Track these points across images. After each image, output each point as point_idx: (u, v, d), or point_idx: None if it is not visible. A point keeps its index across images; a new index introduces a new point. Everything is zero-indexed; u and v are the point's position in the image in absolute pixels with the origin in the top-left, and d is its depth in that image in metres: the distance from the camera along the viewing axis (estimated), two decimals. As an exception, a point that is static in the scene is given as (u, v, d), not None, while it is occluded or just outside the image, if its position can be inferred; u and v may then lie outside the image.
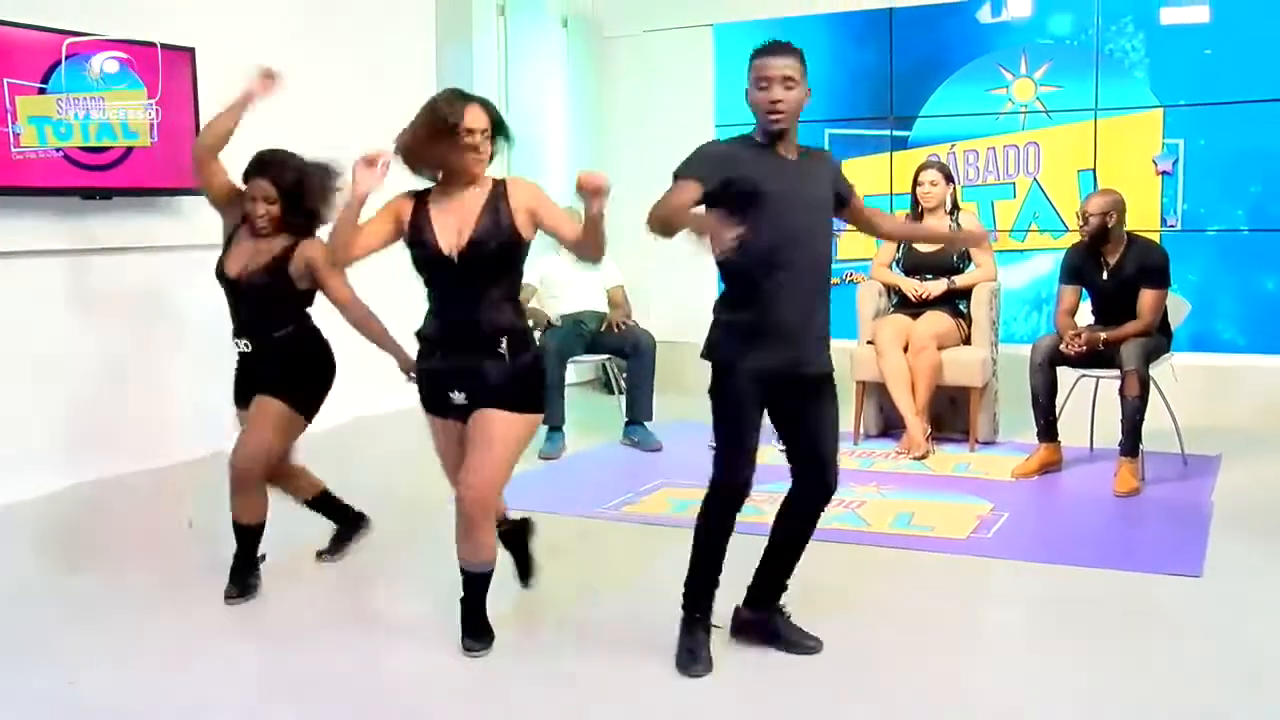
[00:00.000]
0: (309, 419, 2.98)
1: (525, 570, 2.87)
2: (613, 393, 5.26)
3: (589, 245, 2.51)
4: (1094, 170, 5.30)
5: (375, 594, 3.03)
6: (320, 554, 3.12)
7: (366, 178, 2.36)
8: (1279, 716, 2.23)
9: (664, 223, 2.33)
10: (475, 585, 2.52)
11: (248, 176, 2.86)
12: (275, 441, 2.91)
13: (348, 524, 3.19)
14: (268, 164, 2.85)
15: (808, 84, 2.39)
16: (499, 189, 2.50)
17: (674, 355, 5.46)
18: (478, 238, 2.44)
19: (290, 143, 3.08)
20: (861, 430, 4.75)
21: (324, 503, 3.18)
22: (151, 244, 3.43)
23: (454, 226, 2.43)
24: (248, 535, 2.94)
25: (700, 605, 2.45)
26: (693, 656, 2.41)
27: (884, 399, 4.75)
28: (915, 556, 3.28)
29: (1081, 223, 4.05)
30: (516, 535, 2.85)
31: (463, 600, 2.54)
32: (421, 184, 2.49)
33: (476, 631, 2.53)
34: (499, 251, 2.46)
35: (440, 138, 2.40)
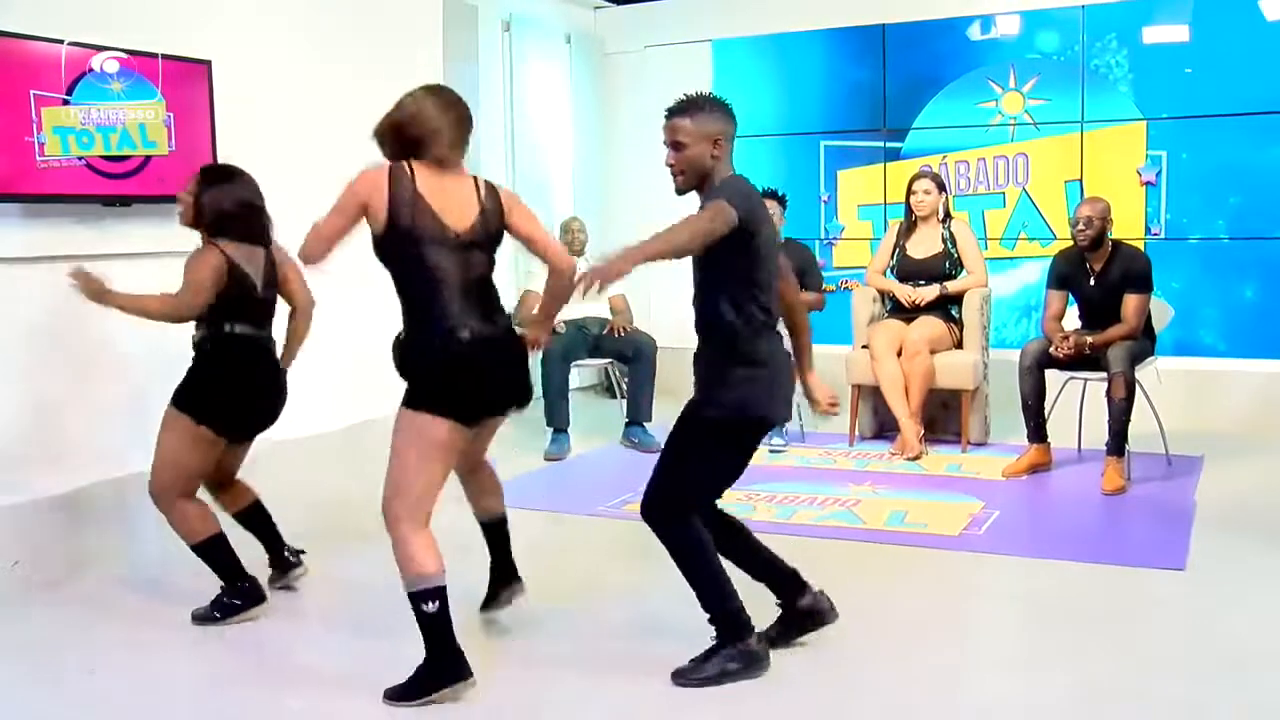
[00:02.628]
0: (220, 435, 2.85)
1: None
2: (615, 396, 5.36)
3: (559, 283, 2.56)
4: (1080, 181, 5.44)
5: (373, 599, 3.10)
6: (196, 616, 2.87)
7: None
8: (1260, 703, 2.30)
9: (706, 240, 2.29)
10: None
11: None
12: (174, 457, 2.80)
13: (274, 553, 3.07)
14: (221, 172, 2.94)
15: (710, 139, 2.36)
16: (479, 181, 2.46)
17: (674, 359, 5.58)
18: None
19: (298, 155, 3.20)
20: (856, 433, 4.86)
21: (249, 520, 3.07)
22: (169, 250, 3.53)
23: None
24: (205, 551, 2.86)
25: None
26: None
27: (878, 402, 4.86)
28: (909, 552, 3.37)
29: (1083, 227, 4.09)
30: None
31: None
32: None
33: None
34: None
35: (466, 128, 2.41)
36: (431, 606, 2.30)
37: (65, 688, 2.50)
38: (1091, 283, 4.21)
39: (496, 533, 2.78)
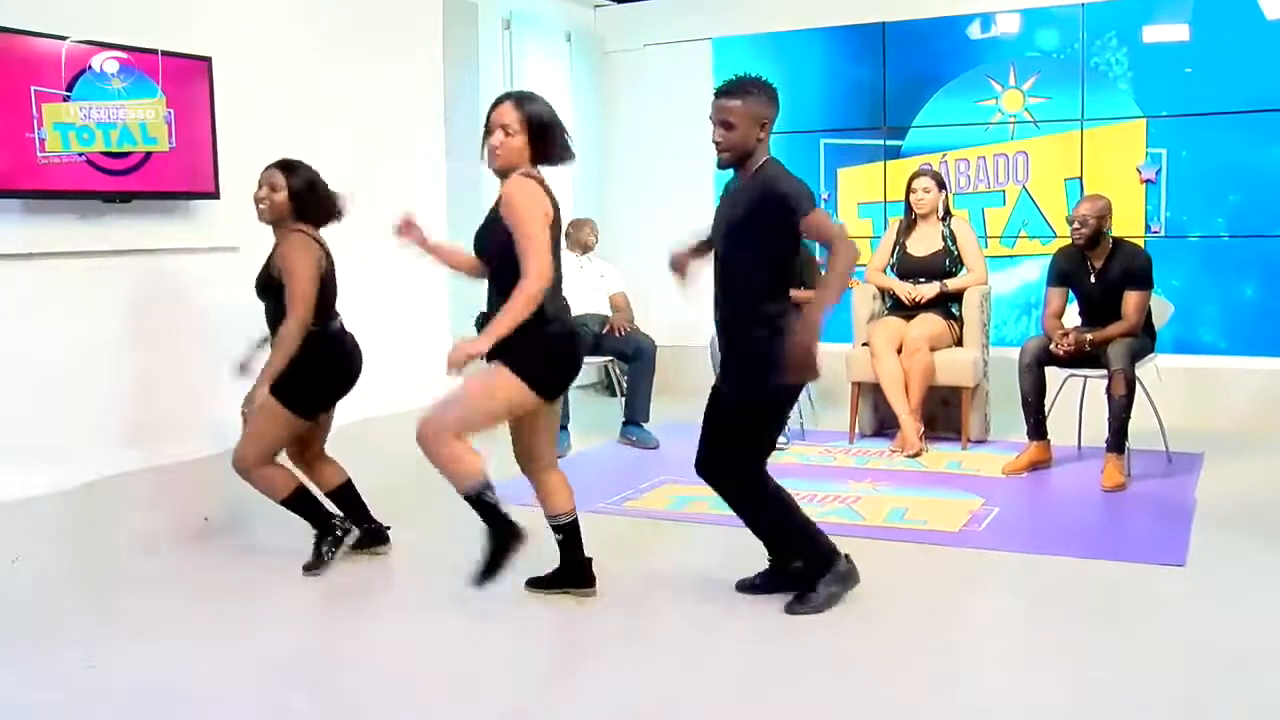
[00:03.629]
0: (303, 416, 3.11)
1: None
2: (615, 395, 5.36)
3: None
4: (1080, 178, 5.44)
5: (384, 591, 3.12)
6: (306, 568, 3.14)
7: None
8: (1260, 699, 2.30)
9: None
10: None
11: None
12: (265, 434, 3.07)
13: (350, 531, 3.25)
14: (287, 164, 3.11)
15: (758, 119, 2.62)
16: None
17: (673, 359, 5.58)
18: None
19: (298, 152, 3.20)
20: (857, 430, 4.86)
21: (341, 497, 3.29)
22: (168, 246, 3.53)
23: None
24: (291, 506, 3.13)
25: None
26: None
27: (879, 399, 4.86)
28: (909, 549, 3.37)
29: (1079, 225, 4.12)
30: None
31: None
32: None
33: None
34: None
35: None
36: (491, 495, 2.67)
37: (77, 679, 2.50)
38: (1092, 280, 4.21)
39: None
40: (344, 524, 3.20)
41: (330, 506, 3.25)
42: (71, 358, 3.32)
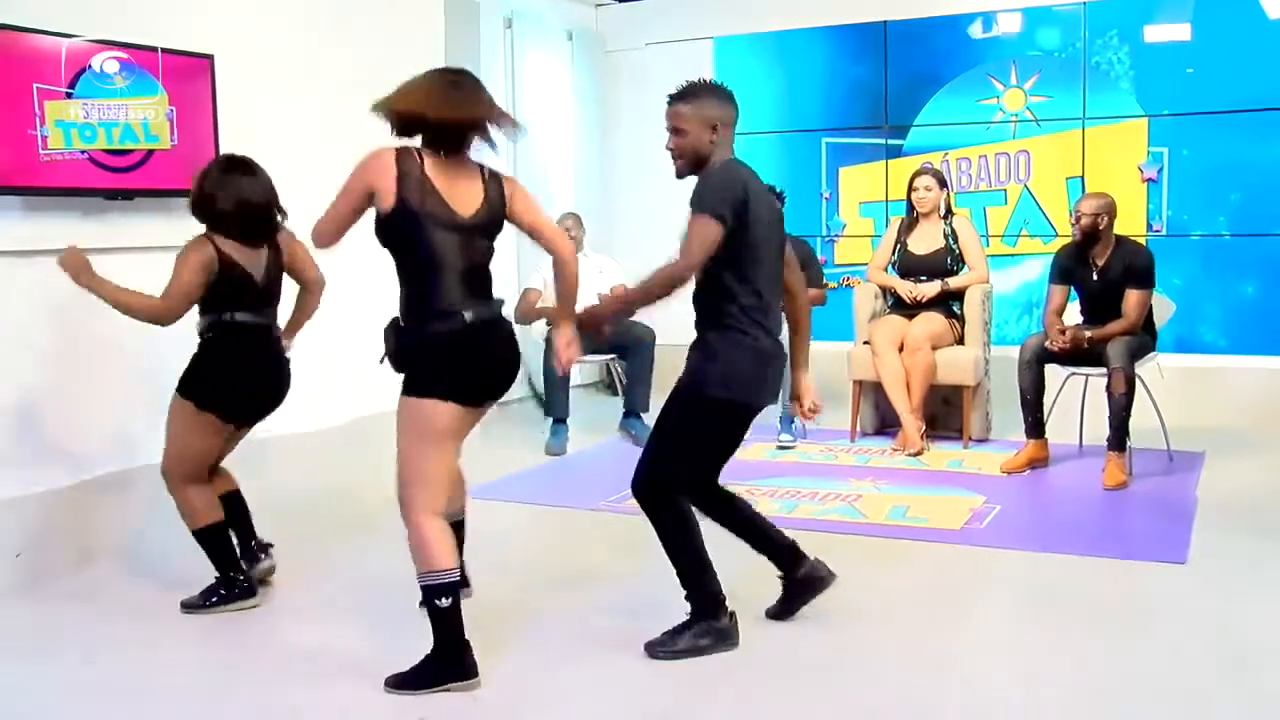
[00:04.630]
0: (224, 421, 2.87)
1: None
2: (617, 394, 5.37)
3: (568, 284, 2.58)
4: (1082, 177, 5.45)
5: (374, 593, 3.10)
6: (183, 604, 2.91)
7: None
8: (1260, 696, 2.31)
9: None
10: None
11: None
12: (178, 438, 2.85)
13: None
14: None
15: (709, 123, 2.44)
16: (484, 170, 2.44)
17: (673, 353, 5.57)
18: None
19: (299, 149, 3.20)
20: (858, 429, 4.86)
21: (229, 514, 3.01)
22: (170, 244, 3.53)
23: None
24: (201, 539, 2.88)
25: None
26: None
27: (880, 398, 4.86)
28: (911, 546, 3.37)
29: (1075, 220, 4.14)
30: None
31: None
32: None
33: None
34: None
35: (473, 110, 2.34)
36: (445, 601, 2.30)
37: (64, 677, 2.50)
38: (1094, 277, 4.21)
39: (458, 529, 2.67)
40: (244, 581, 2.90)
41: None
42: (73, 354, 3.33)
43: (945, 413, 4.88)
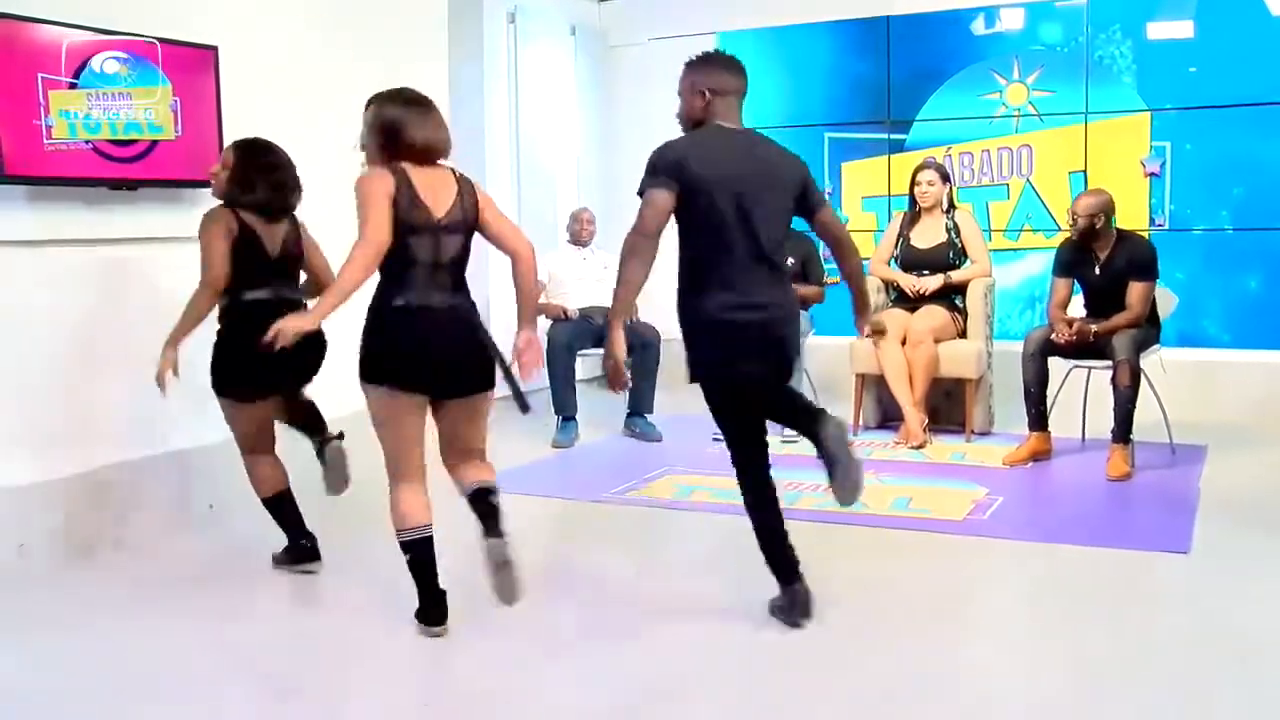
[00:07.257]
0: (231, 399, 2.97)
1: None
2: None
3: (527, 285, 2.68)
4: (1084, 172, 5.45)
5: (377, 581, 3.11)
6: (274, 559, 3.09)
7: None
8: (1261, 684, 2.31)
9: None
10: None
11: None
12: (229, 419, 3.01)
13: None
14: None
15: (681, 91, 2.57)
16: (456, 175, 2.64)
17: (678, 351, 5.57)
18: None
19: (302, 141, 3.21)
20: (861, 421, 4.86)
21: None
22: (174, 234, 3.54)
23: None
24: (269, 506, 3.06)
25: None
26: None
27: (883, 391, 4.87)
28: (914, 537, 3.37)
29: (1071, 220, 4.17)
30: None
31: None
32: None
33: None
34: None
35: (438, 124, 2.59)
36: (409, 553, 2.56)
37: (71, 663, 2.51)
38: (1096, 271, 4.21)
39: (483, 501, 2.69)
40: (308, 545, 3.04)
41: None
42: (77, 344, 3.33)
43: (947, 406, 4.88)
